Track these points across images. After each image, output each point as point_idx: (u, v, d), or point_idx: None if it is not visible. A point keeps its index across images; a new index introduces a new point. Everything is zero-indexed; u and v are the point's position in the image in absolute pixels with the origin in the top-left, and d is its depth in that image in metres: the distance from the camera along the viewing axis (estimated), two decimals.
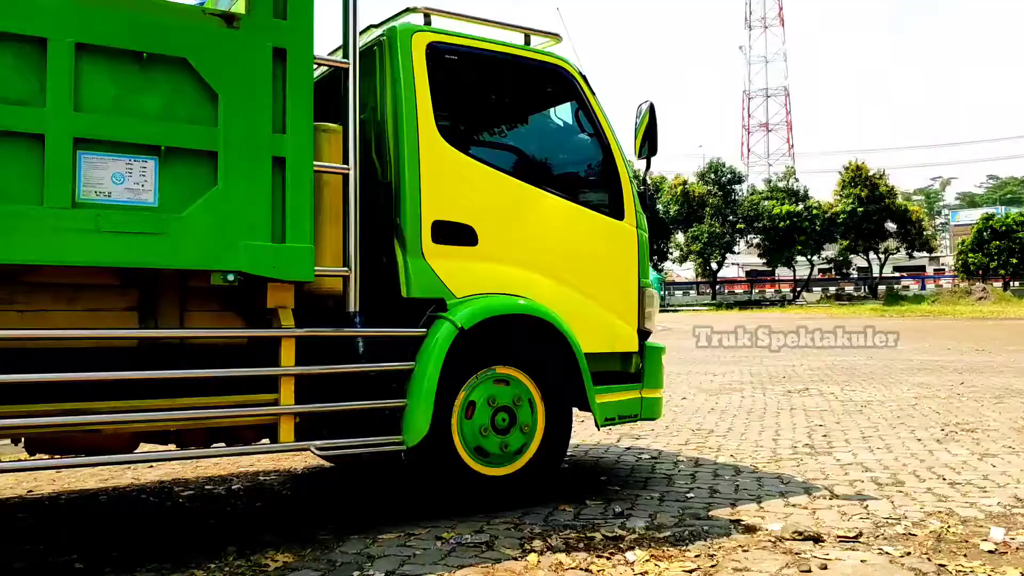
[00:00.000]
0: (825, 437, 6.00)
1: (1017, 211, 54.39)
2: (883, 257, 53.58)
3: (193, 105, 3.07)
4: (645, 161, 4.51)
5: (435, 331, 3.66)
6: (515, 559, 3.14)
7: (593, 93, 4.39)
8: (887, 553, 3.21)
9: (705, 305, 51.24)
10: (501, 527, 3.58)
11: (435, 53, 3.90)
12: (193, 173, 3.06)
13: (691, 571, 3.00)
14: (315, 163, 3.34)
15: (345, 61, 3.59)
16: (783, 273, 60.25)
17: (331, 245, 3.51)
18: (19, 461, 3.19)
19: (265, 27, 3.20)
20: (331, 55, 4.00)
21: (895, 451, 5.39)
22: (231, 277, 3.15)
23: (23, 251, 2.75)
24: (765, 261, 54.74)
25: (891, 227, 50.82)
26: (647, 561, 3.10)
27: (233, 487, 4.61)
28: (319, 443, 3.46)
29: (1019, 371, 10.77)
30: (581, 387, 4.04)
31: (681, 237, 54.21)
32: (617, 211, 4.39)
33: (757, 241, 53.12)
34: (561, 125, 4.58)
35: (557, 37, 4.44)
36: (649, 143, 4.43)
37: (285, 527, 3.66)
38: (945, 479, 4.54)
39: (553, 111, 4.57)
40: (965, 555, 3.20)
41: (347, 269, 3.54)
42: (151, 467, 5.10)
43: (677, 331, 19.58)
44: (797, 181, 53.45)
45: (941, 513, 3.81)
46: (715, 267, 54.69)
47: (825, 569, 3.03)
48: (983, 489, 4.29)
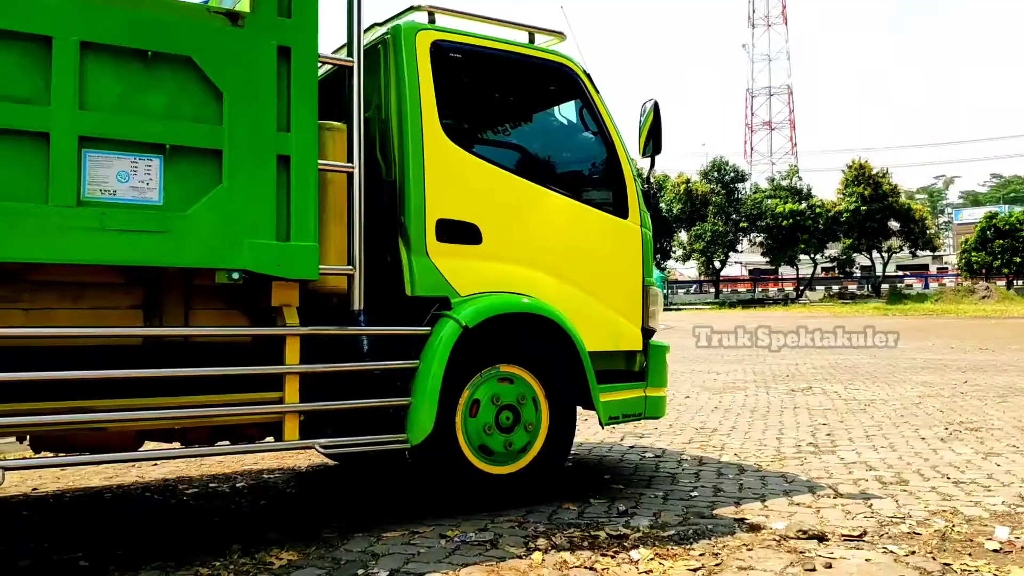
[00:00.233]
0: (829, 436, 5.99)
1: (1020, 210, 54.10)
2: (886, 256, 53.44)
3: (198, 103, 3.07)
4: (649, 159, 4.51)
5: (439, 329, 3.66)
6: (519, 557, 3.14)
7: (597, 91, 4.39)
8: (891, 552, 3.21)
9: (708, 304, 51.16)
10: (505, 525, 3.58)
11: (439, 51, 3.90)
12: (198, 171, 3.06)
13: (695, 570, 3.00)
14: (319, 161, 3.34)
15: (349, 59, 3.59)
16: (786, 272, 60.14)
17: (335, 243, 3.51)
18: (24, 459, 3.21)
19: (270, 25, 3.20)
20: (335, 53, 4.00)
21: (899, 450, 5.39)
22: (236, 275, 3.14)
23: (28, 249, 2.75)
24: (768, 260, 54.62)
25: (894, 226, 50.68)
26: (651, 560, 3.10)
27: (237, 485, 4.62)
28: (323, 441, 3.46)
29: (1023, 370, 10.74)
30: (585, 386, 4.04)
31: (684, 236, 54.18)
32: (621, 209, 4.39)
33: (760, 240, 53.04)
34: (565, 123, 4.57)
35: (561, 35, 4.44)
36: (653, 141, 4.43)
37: (289, 525, 3.66)
38: (949, 478, 4.53)
39: (557, 109, 4.56)
40: (970, 554, 3.19)
41: (351, 267, 3.54)
42: (155, 465, 5.12)
43: (679, 330, 19.54)
44: (800, 179, 53.47)
45: (945, 512, 3.80)
46: (718, 266, 54.62)
47: (829, 568, 3.03)
48: (987, 488, 4.28)
